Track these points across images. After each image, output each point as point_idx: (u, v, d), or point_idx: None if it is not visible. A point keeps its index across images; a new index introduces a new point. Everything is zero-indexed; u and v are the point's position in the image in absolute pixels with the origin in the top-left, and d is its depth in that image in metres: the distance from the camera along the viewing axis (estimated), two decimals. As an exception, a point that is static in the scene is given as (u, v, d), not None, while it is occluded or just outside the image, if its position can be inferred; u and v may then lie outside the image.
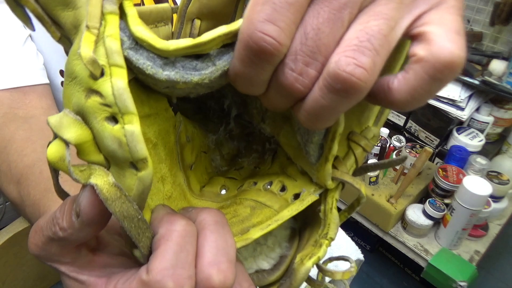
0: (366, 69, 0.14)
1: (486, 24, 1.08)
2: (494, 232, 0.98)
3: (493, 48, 1.09)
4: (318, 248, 0.20)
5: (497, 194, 0.95)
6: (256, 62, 0.15)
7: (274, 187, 0.23)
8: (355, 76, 0.14)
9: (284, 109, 0.17)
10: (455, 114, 0.99)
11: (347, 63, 0.14)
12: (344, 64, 0.14)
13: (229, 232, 0.19)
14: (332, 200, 0.21)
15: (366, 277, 1.25)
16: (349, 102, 0.15)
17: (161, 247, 0.17)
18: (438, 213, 0.92)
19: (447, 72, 0.14)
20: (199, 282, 0.17)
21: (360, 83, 0.14)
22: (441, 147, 1.08)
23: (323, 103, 0.15)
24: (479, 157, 0.95)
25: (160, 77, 0.16)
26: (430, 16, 0.15)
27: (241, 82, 0.16)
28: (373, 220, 1.03)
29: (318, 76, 0.15)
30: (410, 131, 1.14)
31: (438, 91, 0.15)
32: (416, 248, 0.95)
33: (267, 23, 0.14)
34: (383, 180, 1.03)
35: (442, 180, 0.92)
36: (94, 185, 0.16)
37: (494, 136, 1.09)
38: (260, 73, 0.16)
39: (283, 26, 0.14)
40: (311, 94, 0.16)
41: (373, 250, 1.33)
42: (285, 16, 0.14)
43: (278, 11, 0.14)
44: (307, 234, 0.22)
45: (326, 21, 0.15)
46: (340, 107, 0.15)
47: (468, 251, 0.94)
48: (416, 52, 0.15)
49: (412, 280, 1.24)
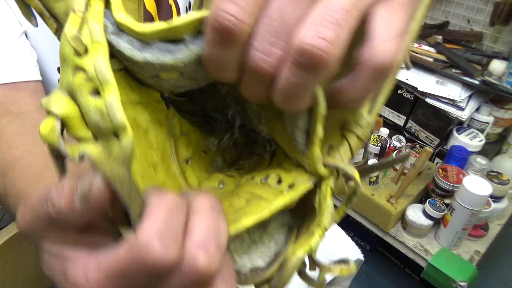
0: (330, 41, 0.15)
1: (486, 24, 1.08)
2: (494, 232, 0.98)
3: (493, 48, 1.09)
4: (311, 237, 0.20)
5: (497, 194, 0.95)
6: (222, 42, 0.16)
7: (270, 180, 0.23)
8: (320, 49, 0.14)
9: (263, 99, 0.18)
10: (455, 114, 0.99)
11: (311, 37, 0.15)
12: (308, 38, 0.15)
13: (223, 219, 0.19)
14: (327, 188, 0.21)
15: (366, 277, 1.25)
16: (317, 76, 0.16)
17: (151, 214, 0.16)
18: (438, 213, 0.92)
19: (382, 74, 0.16)
20: (184, 262, 0.16)
21: (324, 55, 0.15)
22: (441, 147, 1.08)
23: (293, 80, 0.16)
24: (479, 157, 0.95)
25: (138, 59, 0.17)
26: (379, 11, 0.17)
27: (212, 67, 0.17)
28: (373, 220, 1.03)
29: (284, 55, 0.16)
30: (410, 131, 1.14)
31: (379, 86, 0.18)
32: (416, 248, 0.95)
33: (229, 3, 0.15)
34: (383, 180, 1.03)
35: (442, 180, 0.92)
36: (84, 152, 0.16)
37: (494, 136, 1.09)
38: (228, 54, 0.16)
39: (244, 5, 0.15)
40: (281, 74, 0.16)
41: (373, 250, 1.33)
42: None
43: None
44: (304, 229, 0.22)
45: (289, 1, 0.15)
46: (311, 82, 0.16)
47: (468, 251, 0.94)
48: (360, 54, 0.16)
49: (412, 280, 1.24)
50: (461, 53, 1.05)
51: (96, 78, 0.16)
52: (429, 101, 1.03)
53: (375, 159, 1.00)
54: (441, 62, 1.06)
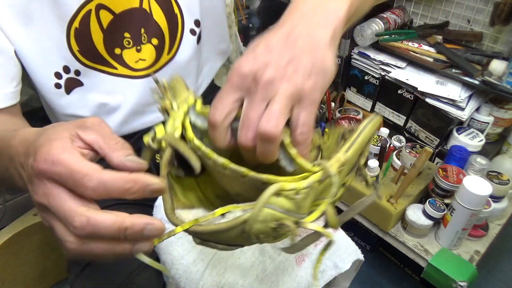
0: (274, 126, 0.29)
1: (486, 24, 1.08)
2: (494, 232, 0.98)
3: (493, 48, 1.09)
4: (286, 182, 0.29)
5: (497, 194, 0.95)
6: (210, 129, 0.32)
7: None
8: (270, 131, 0.29)
9: (256, 159, 0.31)
10: (455, 114, 0.99)
11: (264, 125, 0.29)
12: (263, 126, 0.29)
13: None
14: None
15: (366, 277, 1.25)
16: (272, 145, 0.30)
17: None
18: (438, 213, 0.92)
19: (263, 138, 0.30)
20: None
21: (272, 134, 0.29)
22: (441, 147, 1.08)
23: (262, 148, 0.30)
24: (479, 157, 0.95)
25: (206, 126, 0.34)
26: (294, 109, 0.31)
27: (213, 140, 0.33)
28: (373, 220, 1.03)
29: (255, 136, 0.30)
30: (410, 131, 1.14)
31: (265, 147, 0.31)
32: (416, 248, 0.95)
33: (215, 110, 0.31)
34: (383, 180, 1.03)
35: (442, 180, 0.92)
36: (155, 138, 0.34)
37: (494, 136, 1.09)
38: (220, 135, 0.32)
39: (222, 111, 0.31)
40: (257, 145, 0.30)
41: (373, 250, 1.33)
42: (226, 105, 0.31)
43: (222, 102, 0.31)
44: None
45: (252, 108, 0.30)
46: (271, 147, 0.30)
47: (468, 251, 0.94)
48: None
49: (412, 280, 1.24)
50: (461, 53, 1.05)
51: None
52: (429, 101, 1.03)
53: (375, 159, 1.00)
54: (441, 62, 1.06)
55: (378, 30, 1.11)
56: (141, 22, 0.56)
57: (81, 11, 0.51)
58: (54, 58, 0.53)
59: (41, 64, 0.52)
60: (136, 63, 0.59)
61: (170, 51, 0.61)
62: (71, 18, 0.51)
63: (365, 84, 1.20)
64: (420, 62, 1.08)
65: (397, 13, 1.18)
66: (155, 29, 0.58)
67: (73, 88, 0.56)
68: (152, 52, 0.58)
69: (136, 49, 0.58)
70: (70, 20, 0.51)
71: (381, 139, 1.06)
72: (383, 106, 1.18)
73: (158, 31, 0.58)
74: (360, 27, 1.11)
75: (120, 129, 0.64)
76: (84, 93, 0.58)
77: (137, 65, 0.59)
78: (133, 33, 0.56)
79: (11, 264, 1.02)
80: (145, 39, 0.57)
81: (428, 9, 1.19)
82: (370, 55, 1.14)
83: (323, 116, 1.23)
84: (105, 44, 0.55)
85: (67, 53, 0.53)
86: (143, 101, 0.63)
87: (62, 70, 0.54)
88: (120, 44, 0.56)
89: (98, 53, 0.55)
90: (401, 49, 1.12)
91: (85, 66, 0.56)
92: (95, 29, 0.53)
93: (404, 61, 1.12)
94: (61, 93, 0.56)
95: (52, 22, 0.50)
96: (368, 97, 1.22)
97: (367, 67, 1.16)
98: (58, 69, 0.54)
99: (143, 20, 0.56)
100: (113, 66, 0.58)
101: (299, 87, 0.30)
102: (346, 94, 1.26)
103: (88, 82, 0.57)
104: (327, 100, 1.19)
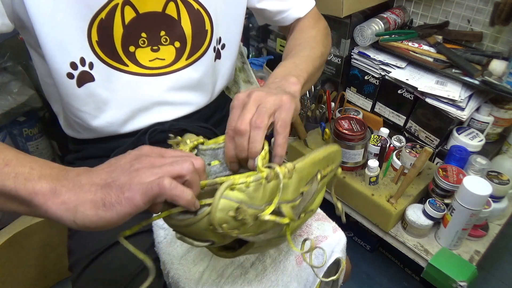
0: (262, 121, 0.44)
1: (486, 24, 1.08)
2: (494, 232, 0.98)
3: (493, 48, 1.09)
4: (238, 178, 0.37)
5: (497, 194, 0.95)
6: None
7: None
8: (260, 122, 0.44)
9: (246, 152, 0.45)
10: (455, 114, 0.99)
11: (255, 119, 0.44)
12: (253, 120, 0.44)
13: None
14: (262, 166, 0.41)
15: (366, 277, 1.25)
16: (260, 132, 0.44)
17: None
18: (438, 213, 0.92)
19: (236, 134, 0.45)
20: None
21: (260, 124, 0.44)
22: (441, 147, 1.08)
23: (252, 135, 0.44)
24: (479, 157, 0.95)
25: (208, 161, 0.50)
26: (276, 112, 0.46)
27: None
28: (373, 220, 1.03)
29: (248, 126, 0.45)
30: (410, 131, 1.14)
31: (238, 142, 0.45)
32: (416, 248, 0.95)
33: (241, 122, 0.45)
34: (383, 180, 1.03)
35: (442, 180, 0.92)
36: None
37: (494, 136, 1.09)
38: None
39: (246, 121, 0.45)
40: (250, 133, 0.45)
41: (373, 250, 1.33)
42: (245, 118, 0.45)
43: (242, 117, 0.45)
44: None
45: (246, 110, 0.45)
46: (259, 134, 0.44)
47: (468, 251, 0.94)
48: None
49: (412, 280, 1.24)
50: (461, 53, 1.05)
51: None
52: (429, 101, 1.03)
53: (375, 159, 1.00)
54: (441, 62, 1.06)
55: (378, 30, 1.11)
56: (162, 25, 0.59)
57: (111, 3, 0.54)
58: (73, 47, 0.54)
59: (59, 50, 0.53)
60: (151, 61, 0.61)
61: (189, 58, 0.64)
62: (100, 8, 0.53)
63: (365, 84, 1.20)
64: (420, 62, 1.08)
65: (397, 13, 1.18)
66: (180, 34, 0.61)
67: (85, 83, 0.57)
68: (172, 53, 0.62)
69: (152, 48, 0.60)
70: (99, 10, 0.53)
71: (381, 139, 1.06)
72: (383, 106, 1.18)
73: (182, 37, 0.62)
74: (360, 27, 1.11)
75: (123, 127, 0.64)
76: (94, 89, 0.58)
77: (152, 63, 0.61)
78: (151, 34, 0.59)
79: (11, 264, 1.02)
80: (167, 41, 0.61)
81: (428, 9, 1.19)
82: (370, 55, 1.14)
83: (323, 116, 1.23)
84: (123, 40, 0.57)
85: (85, 43, 0.55)
86: (150, 98, 0.64)
87: (78, 61, 0.55)
88: (135, 43, 0.59)
89: (114, 47, 0.57)
90: (401, 49, 1.12)
91: (99, 59, 0.57)
92: (117, 23, 0.55)
93: (404, 61, 1.12)
94: (72, 84, 0.56)
95: (78, 10, 0.52)
96: (368, 97, 1.22)
97: (367, 67, 1.16)
98: (75, 60, 0.55)
99: (165, 24, 0.59)
100: (125, 63, 0.59)
101: (279, 99, 0.46)
102: (346, 94, 1.26)
103: (99, 77, 0.58)
104: (327, 100, 1.19)
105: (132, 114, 0.64)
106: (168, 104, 0.66)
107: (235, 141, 0.45)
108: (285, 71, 0.55)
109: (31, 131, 1.11)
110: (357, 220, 1.08)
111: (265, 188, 0.38)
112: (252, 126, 0.43)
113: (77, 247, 0.63)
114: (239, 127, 0.44)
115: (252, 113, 0.44)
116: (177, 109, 0.68)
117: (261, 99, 0.45)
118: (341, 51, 1.19)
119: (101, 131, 0.64)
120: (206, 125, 0.70)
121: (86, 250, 0.61)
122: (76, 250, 0.63)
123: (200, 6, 0.61)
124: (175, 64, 0.63)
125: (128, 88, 0.61)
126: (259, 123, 0.43)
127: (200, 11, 0.61)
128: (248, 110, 0.44)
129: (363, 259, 1.31)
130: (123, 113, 0.63)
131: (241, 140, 0.44)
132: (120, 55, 0.58)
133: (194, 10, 0.60)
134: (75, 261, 0.62)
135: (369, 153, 1.06)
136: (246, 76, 1.02)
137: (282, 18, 0.73)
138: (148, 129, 0.65)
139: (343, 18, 1.07)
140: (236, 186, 0.36)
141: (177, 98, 0.66)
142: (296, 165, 0.41)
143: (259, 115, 0.43)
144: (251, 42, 1.52)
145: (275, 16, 0.73)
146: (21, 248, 1.04)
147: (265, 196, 0.39)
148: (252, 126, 0.43)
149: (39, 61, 0.60)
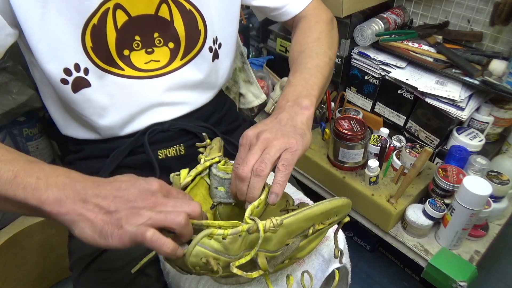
0: (264, 168, 0.45)
1: (486, 24, 1.08)
2: (494, 232, 0.98)
3: (493, 48, 1.09)
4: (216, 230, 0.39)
5: (497, 194, 0.95)
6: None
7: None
8: (261, 170, 0.44)
9: (244, 195, 0.47)
10: (455, 114, 0.99)
11: (257, 166, 0.45)
12: (256, 166, 0.45)
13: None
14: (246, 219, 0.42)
15: (366, 277, 1.25)
16: (260, 179, 0.45)
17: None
18: (438, 213, 0.92)
19: (239, 179, 0.46)
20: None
21: (261, 172, 0.44)
22: (441, 147, 1.08)
23: (252, 181, 0.45)
24: (479, 157, 0.95)
25: (220, 175, 0.53)
26: (281, 155, 0.46)
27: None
28: (373, 220, 1.03)
29: (250, 172, 0.45)
30: (410, 131, 1.14)
31: (240, 187, 0.47)
32: (416, 248, 0.95)
33: (244, 167, 0.46)
34: (383, 180, 1.03)
35: (442, 180, 0.92)
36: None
37: (494, 136, 1.09)
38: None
39: (248, 168, 0.46)
40: (250, 179, 0.46)
41: (373, 250, 1.33)
42: (248, 163, 0.46)
43: (245, 163, 0.46)
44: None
45: (251, 154, 0.46)
46: (259, 182, 0.45)
47: (468, 251, 0.94)
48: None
49: (412, 280, 1.24)
50: (461, 53, 1.05)
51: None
52: (429, 101, 1.03)
53: (375, 159, 1.00)
54: (441, 62, 1.06)
55: (378, 30, 1.11)
56: (155, 27, 0.59)
57: (101, 8, 0.53)
58: (66, 53, 0.54)
59: (51, 56, 0.53)
60: (147, 64, 0.61)
61: (184, 58, 0.64)
62: (91, 14, 0.52)
63: (365, 84, 1.20)
64: (420, 62, 1.08)
65: (397, 13, 1.18)
66: (173, 35, 0.61)
67: (81, 88, 0.57)
68: (167, 54, 0.62)
69: (146, 51, 0.60)
70: (90, 16, 0.52)
71: (381, 139, 1.06)
72: (383, 106, 1.18)
73: (176, 38, 0.61)
74: (360, 27, 1.11)
75: (122, 129, 0.64)
76: (90, 95, 0.58)
77: (147, 66, 0.61)
78: (144, 37, 0.59)
79: (11, 264, 1.02)
80: (161, 43, 0.61)
81: (428, 9, 1.19)
82: (370, 55, 1.14)
83: (323, 116, 1.23)
84: (117, 44, 0.57)
85: (80, 49, 0.54)
86: (148, 100, 0.64)
87: (73, 68, 0.55)
88: (129, 46, 0.58)
89: (109, 52, 0.57)
90: (401, 49, 1.12)
91: (94, 65, 0.56)
92: (110, 28, 0.55)
93: (404, 61, 1.12)
94: (67, 89, 0.56)
95: (70, 16, 0.51)
96: (368, 97, 1.22)
97: (367, 67, 1.16)
98: (69, 66, 0.54)
99: (158, 26, 0.59)
100: (121, 67, 0.59)
101: (287, 142, 0.46)
102: (346, 94, 1.26)
103: (96, 82, 0.57)
104: (327, 100, 1.19)
105: (131, 117, 0.64)
106: (167, 105, 0.66)
107: (236, 184, 0.46)
108: (296, 92, 0.55)
109: (31, 131, 1.10)
110: (357, 220, 1.08)
111: (245, 238, 0.40)
112: (253, 173, 0.44)
113: (77, 247, 0.63)
114: (240, 174, 0.45)
115: (256, 159, 0.45)
116: (175, 109, 0.68)
117: (268, 142, 0.46)
118: (341, 51, 1.19)
119: (100, 133, 0.64)
120: (206, 124, 0.70)
121: (86, 250, 0.61)
122: (76, 250, 0.63)
123: (192, 6, 0.61)
124: (171, 65, 0.63)
125: (125, 92, 0.61)
126: (259, 172, 0.44)
127: (192, 11, 0.61)
128: (252, 154, 0.45)
129: (363, 259, 1.31)
130: (122, 116, 0.63)
131: (241, 185, 0.45)
132: (115, 60, 0.58)
133: (186, 10, 0.60)
134: (75, 261, 0.62)
135: (369, 153, 1.06)
136: (246, 76, 1.02)
137: (279, 14, 0.73)
138: (148, 129, 0.65)
139: (343, 18, 1.07)
140: (214, 236, 0.38)
141: (175, 98, 0.66)
142: (284, 220, 0.41)
143: (261, 163, 0.44)
144: (251, 42, 1.52)
145: (272, 12, 0.73)
146: (21, 248, 1.04)
147: (244, 245, 0.41)
148: (253, 173, 0.44)
149: (33, 65, 0.60)
